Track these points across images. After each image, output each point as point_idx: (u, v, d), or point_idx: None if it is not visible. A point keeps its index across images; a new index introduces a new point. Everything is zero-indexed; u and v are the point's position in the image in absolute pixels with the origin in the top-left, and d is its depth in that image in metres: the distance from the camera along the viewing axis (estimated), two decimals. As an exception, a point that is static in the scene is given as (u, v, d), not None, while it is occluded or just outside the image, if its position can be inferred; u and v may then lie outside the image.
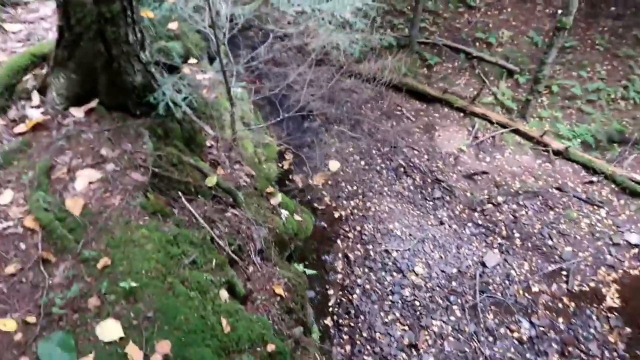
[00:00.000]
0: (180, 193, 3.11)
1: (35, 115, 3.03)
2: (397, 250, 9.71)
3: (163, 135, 3.32)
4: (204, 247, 2.91)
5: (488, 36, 11.79)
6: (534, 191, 10.36)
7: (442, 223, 10.12)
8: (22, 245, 2.52)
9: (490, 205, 10.24)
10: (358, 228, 10.31)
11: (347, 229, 10.35)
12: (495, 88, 11.34)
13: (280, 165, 11.64)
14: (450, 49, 11.98)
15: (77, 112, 3.11)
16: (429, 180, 10.79)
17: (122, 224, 2.65)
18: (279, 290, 3.20)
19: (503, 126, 11.04)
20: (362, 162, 11.20)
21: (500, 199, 10.24)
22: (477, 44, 11.98)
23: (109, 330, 2.25)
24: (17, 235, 2.55)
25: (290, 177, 11.45)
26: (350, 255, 9.93)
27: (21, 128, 3.00)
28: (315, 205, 10.85)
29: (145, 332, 2.26)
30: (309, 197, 10.97)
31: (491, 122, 11.18)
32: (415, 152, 11.21)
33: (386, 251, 9.73)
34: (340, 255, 10.18)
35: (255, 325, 2.68)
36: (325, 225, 10.68)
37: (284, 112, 12.07)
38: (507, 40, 11.80)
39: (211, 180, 3.37)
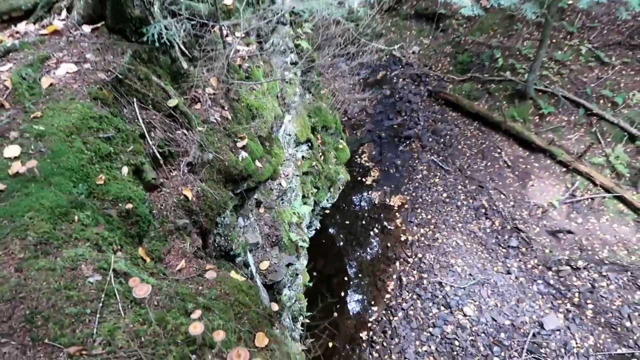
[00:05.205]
0: (135, 99, 3.93)
1: (58, 25, 4.15)
2: (451, 286, 9.43)
3: (146, 60, 4.19)
4: (128, 136, 3.64)
5: (615, 95, 10.85)
6: (622, 265, 9.18)
7: (509, 272, 9.53)
8: (-5, 95, 3.56)
9: (567, 268, 9.36)
10: (420, 255, 10.22)
11: (409, 253, 10.32)
12: (610, 150, 10.38)
13: (364, 180, 12.05)
14: (570, 102, 11.31)
15: (86, 28, 4.15)
16: (508, 227, 10.24)
17: (67, 98, 3.54)
18: (188, 193, 3.76)
19: (607, 190, 10.01)
20: (444, 195, 11.07)
21: (581, 263, 9.30)
22: (602, 101, 11.07)
23: (11, 151, 3.10)
24: (-2, 89, 3.61)
25: (370, 192, 11.78)
26: (404, 279, 9.89)
27: (44, 31, 4.14)
28: (385, 224, 11.02)
29: (32, 157, 3.07)
30: (381, 215, 11.19)
31: (594, 184, 10.24)
32: (502, 196, 10.74)
33: (440, 284, 9.51)
34: (395, 276, 10.19)
35: (130, 192, 3.30)
36: (389, 245, 10.78)
37: (381, 132, 12.49)
38: (637, 103, 10.71)
39: (172, 102, 4.14)
